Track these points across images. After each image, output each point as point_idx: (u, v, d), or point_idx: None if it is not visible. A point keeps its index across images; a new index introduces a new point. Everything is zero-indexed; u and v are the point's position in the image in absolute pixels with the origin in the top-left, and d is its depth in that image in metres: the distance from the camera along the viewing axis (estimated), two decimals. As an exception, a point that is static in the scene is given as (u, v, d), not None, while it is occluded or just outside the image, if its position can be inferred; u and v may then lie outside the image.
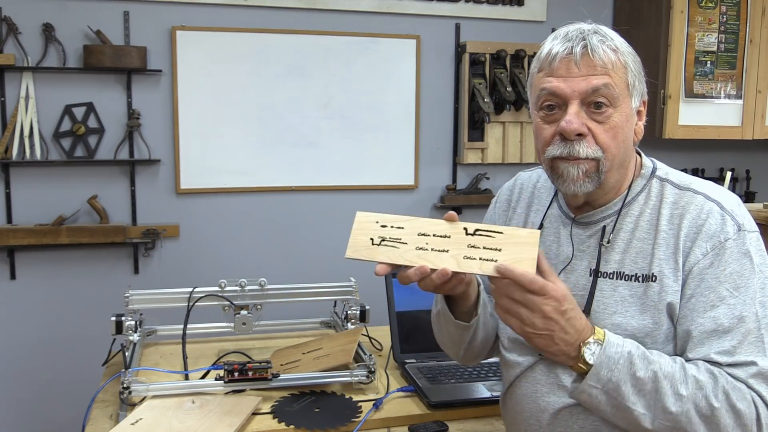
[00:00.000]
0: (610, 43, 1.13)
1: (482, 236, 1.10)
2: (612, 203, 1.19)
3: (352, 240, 1.15)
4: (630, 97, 1.14)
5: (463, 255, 1.08)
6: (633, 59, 1.15)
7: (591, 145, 1.12)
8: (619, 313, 1.14)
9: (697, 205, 1.12)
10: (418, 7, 3.23)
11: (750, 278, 1.08)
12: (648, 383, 1.04)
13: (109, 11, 2.86)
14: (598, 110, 1.11)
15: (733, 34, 3.31)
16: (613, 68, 1.11)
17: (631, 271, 1.14)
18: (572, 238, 1.22)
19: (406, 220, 1.13)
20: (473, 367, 1.81)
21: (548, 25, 3.39)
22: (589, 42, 1.11)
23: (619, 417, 1.07)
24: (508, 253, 1.07)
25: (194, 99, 2.98)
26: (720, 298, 1.07)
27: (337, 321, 2.09)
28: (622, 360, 1.05)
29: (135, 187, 2.96)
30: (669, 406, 1.03)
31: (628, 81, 1.13)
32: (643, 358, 1.05)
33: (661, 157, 1.34)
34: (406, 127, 3.27)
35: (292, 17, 3.08)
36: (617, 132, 1.12)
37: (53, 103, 2.84)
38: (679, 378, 1.04)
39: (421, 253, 1.10)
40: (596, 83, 1.10)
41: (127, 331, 1.84)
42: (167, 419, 1.49)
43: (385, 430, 1.55)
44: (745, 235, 1.10)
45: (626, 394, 1.05)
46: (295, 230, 3.18)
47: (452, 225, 1.12)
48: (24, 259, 2.88)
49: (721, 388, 1.03)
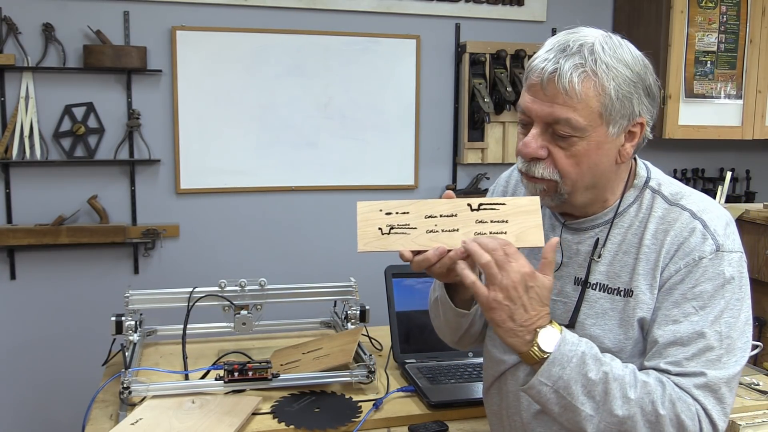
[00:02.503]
0: (590, 67, 1.04)
1: (487, 210, 1.09)
2: (602, 213, 1.17)
3: (361, 232, 1.10)
4: (605, 125, 1.07)
5: (474, 231, 1.08)
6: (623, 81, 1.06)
7: (548, 167, 1.10)
8: (598, 326, 1.14)
9: (682, 223, 1.11)
10: (418, 7, 3.23)
11: (718, 299, 1.06)
12: (598, 384, 1.03)
13: (109, 11, 2.86)
14: (562, 137, 1.08)
15: (733, 34, 3.31)
16: (579, 99, 1.04)
17: (614, 285, 1.14)
18: (561, 243, 1.21)
19: (410, 204, 1.11)
20: (473, 367, 1.81)
21: (548, 25, 3.39)
22: (560, 66, 1.04)
23: (565, 418, 1.06)
24: (514, 224, 1.08)
25: (194, 99, 2.98)
26: (684, 314, 1.07)
27: (337, 321, 2.09)
28: (575, 359, 1.03)
29: (135, 187, 2.97)
30: (616, 409, 1.02)
31: (602, 110, 1.05)
32: (596, 359, 1.04)
33: (661, 157, 1.34)
34: (406, 127, 3.27)
35: (292, 17, 3.08)
36: (580, 159, 1.08)
37: (53, 103, 2.84)
38: (628, 381, 1.04)
39: (433, 235, 1.09)
40: (557, 115, 1.06)
41: (127, 331, 1.84)
42: (167, 419, 1.49)
43: (385, 430, 1.55)
44: (723, 256, 1.08)
45: (576, 394, 1.03)
46: (295, 230, 3.18)
47: (456, 202, 1.11)
48: (24, 259, 2.88)
49: (668, 396, 1.03)
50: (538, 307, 1.03)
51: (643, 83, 1.09)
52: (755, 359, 2.04)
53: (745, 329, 1.09)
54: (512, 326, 1.03)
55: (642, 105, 1.09)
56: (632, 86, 1.07)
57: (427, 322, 1.40)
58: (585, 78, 1.04)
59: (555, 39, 1.10)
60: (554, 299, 1.19)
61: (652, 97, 1.11)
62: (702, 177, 3.68)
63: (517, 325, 1.03)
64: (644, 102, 1.09)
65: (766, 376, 1.80)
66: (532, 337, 1.04)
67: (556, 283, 1.19)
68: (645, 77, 1.09)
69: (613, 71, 1.05)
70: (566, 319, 1.16)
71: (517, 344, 1.05)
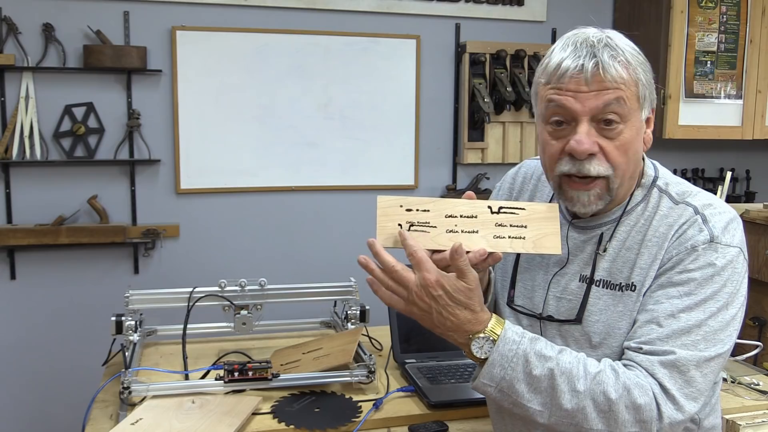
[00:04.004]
0: (622, 57, 1.09)
1: (507, 214, 1.10)
2: (611, 212, 1.18)
3: (380, 227, 1.10)
4: (640, 110, 1.12)
5: (493, 234, 1.09)
6: (644, 69, 1.11)
7: (602, 163, 1.10)
8: (602, 322, 1.14)
9: (685, 218, 1.12)
10: (418, 7, 3.23)
11: (705, 288, 1.06)
12: (543, 381, 1.03)
13: (109, 11, 2.86)
14: (609, 127, 1.09)
15: (733, 34, 3.31)
16: (624, 85, 1.08)
17: (615, 280, 1.14)
18: (568, 240, 1.21)
19: (431, 202, 1.11)
20: (473, 367, 1.81)
21: (548, 25, 3.39)
22: (600, 58, 1.07)
23: (518, 411, 1.07)
24: (533, 230, 1.09)
25: (194, 99, 2.98)
26: (667, 297, 1.07)
27: (337, 321, 2.09)
28: (516, 358, 1.03)
29: (135, 187, 2.97)
30: (564, 403, 1.02)
31: (639, 94, 1.10)
32: (540, 356, 1.04)
33: (661, 157, 1.34)
34: (406, 127, 3.27)
35: (292, 17, 3.08)
36: (628, 148, 1.10)
37: (53, 103, 2.84)
38: (576, 374, 1.03)
39: (452, 235, 1.09)
40: (608, 98, 1.07)
41: (127, 331, 1.83)
42: (167, 419, 1.49)
43: (385, 430, 1.55)
44: (716, 247, 1.07)
45: (521, 392, 1.04)
46: (295, 230, 3.18)
47: (475, 204, 1.11)
48: (24, 259, 2.88)
49: (621, 382, 1.02)
50: (458, 311, 1.04)
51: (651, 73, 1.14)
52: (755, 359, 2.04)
53: (730, 323, 1.07)
54: (440, 331, 1.07)
55: (654, 94, 1.15)
56: (649, 74, 1.13)
57: (427, 322, 1.40)
58: (623, 65, 1.08)
59: (570, 40, 1.12)
60: (559, 297, 1.20)
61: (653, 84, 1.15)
62: (702, 177, 3.68)
63: (444, 330, 1.06)
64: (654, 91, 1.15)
65: (766, 376, 1.80)
66: (466, 341, 1.05)
67: (561, 280, 1.20)
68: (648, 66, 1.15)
69: (637, 60, 1.11)
70: (572, 315, 1.17)
71: (457, 345, 1.07)
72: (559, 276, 1.20)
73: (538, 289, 1.24)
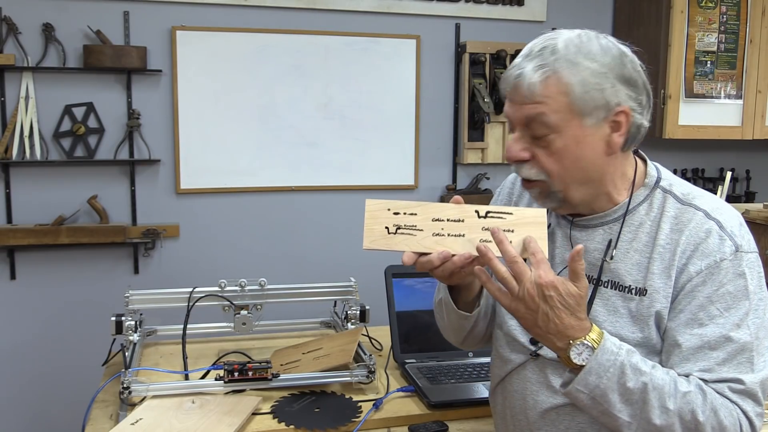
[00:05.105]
0: (550, 66, 1.07)
1: (494, 218, 1.10)
2: (612, 210, 1.17)
3: (367, 229, 1.11)
4: (579, 119, 1.08)
5: (479, 238, 1.09)
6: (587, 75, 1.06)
7: (534, 168, 1.12)
8: (609, 323, 1.14)
9: (697, 223, 1.11)
10: (418, 7, 3.23)
11: (742, 300, 1.07)
12: (636, 393, 1.03)
13: (109, 11, 2.86)
14: (538, 137, 1.10)
15: (733, 34, 3.31)
16: (544, 98, 1.07)
17: (625, 283, 1.14)
18: (571, 240, 1.21)
19: (418, 206, 1.12)
20: (473, 367, 1.81)
21: (548, 25, 3.39)
22: (523, 70, 1.08)
23: (605, 420, 1.07)
24: (520, 234, 1.09)
25: (194, 99, 2.98)
26: (710, 317, 1.07)
27: (337, 321, 2.09)
28: (612, 369, 1.03)
29: (135, 187, 2.97)
30: (654, 418, 1.03)
31: (571, 105, 1.07)
32: (635, 369, 1.04)
33: (661, 157, 1.34)
34: (406, 127, 3.27)
35: (292, 17, 3.08)
36: (561, 156, 1.09)
37: (53, 103, 2.84)
38: (668, 391, 1.04)
39: (439, 239, 1.10)
40: (527, 113, 1.09)
41: (127, 331, 1.84)
42: (167, 419, 1.49)
43: (385, 430, 1.55)
44: (742, 256, 1.08)
45: (613, 402, 1.04)
46: (295, 230, 3.18)
47: (463, 208, 1.12)
48: (24, 259, 2.88)
49: (709, 404, 1.04)
50: (565, 316, 1.03)
51: (616, 72, 1.09)
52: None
53: None
54: (540, 332, 1.05)
55: (618, 94, 1.09)
56: (601, 77, 1.07)
57: (428, 321, 1.40)
58: (546, 77, 1.07)
59: (531, 43, 1.14)
60: None
61: (633, 84, 1.10)
62: (702, 177, 3.68)
63: (544, 332, 1.05)
64: (621, 90, 1.09)
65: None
66: (565, 345, 1.04)
67: None
68: (619, 66, 1.09)
69: (577, 66, 1.07)
70: None
71: (552, 348, 1.07)
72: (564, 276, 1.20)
73: None
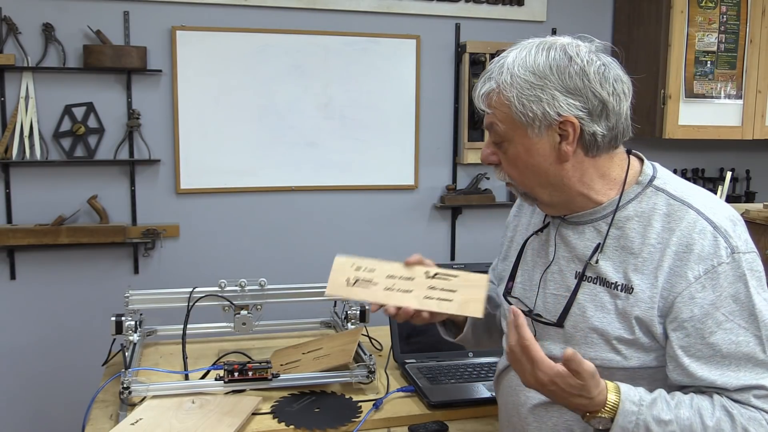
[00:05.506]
0: (495, 82, 1.14)
1: (440, 279, 1.26)
2: (600, 207, 1.17)
3: (331, 280, 1.32)
4: (525, 130, 1.12)
5: (424, 295, 1.25)
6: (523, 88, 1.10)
7: (501, 171, 1.21)
8: (597, 318, 1.13)
9: (689, 222, 1.09)
10: (418, 7, 3.23)
11: (746, 301, 1.06)
12: None
13: (109, 11, 2.86)
14: (497, 143, 1.18)
15: (733, 34, 3.31)
16: (494, 108, 1.15)
17: (612, 279, 1.13)
18: (562, 238, 1.22)
19: (378, 264, 1.30)
20: (473, 367, 1.81)
21: (548, 25, 3.39)
22: (480, 86, 1.17)
23: None
24: (460, 294, 1.23)
25: (194, 99, 2.98)
26: (717, 323, 1.06)
27: (337, 321, 2.09)
28: (636, 429, 1.04)
29: (135, 187, 2.97)
30: None
31: (514, 117, 1.12)
32: (659, 421, 1.04)
33: (661, 157, 1.34)
34: (406, 127, 3.27)
35: (292, 17, 3.08)
36: (515, 162, 1.16)
37: (53, 103, 2.84)
38: (695, 430, 1.04)
39: (389, 293, 1.26)
40: (486, 121, 1.17)
41: (127, 331, 1.83)
42: (167, 419, 1.49)
43: (385, 430, 1.55)
44: (739, 258, 1.07)
45: None
46: (295, 230, 3.18)
47: (415, 269, 1.27)
48: (24, 259, 2.88)
49: (739, 426, 1.03)
50: (573, 399, 1.04)
51: (555, 83, 1.09)
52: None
53: None
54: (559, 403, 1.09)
55: (557, 104, 1.09)
56: (537, 89, 1.10)
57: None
58: (491, 92, 1.15)
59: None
60: (555, 294, 1.21)
61: (578, 94, 1.09)
62: (702, 177, 3.68)
63: (562, 404, 1.08)
64: (560, 101, 1.09)
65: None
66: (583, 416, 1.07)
67: (556, 277, 1.21)
68: (561, 78, 1.09)
69: (515, 79, 1.11)
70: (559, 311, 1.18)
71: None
72: (555, 273, 1.22)
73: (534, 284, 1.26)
